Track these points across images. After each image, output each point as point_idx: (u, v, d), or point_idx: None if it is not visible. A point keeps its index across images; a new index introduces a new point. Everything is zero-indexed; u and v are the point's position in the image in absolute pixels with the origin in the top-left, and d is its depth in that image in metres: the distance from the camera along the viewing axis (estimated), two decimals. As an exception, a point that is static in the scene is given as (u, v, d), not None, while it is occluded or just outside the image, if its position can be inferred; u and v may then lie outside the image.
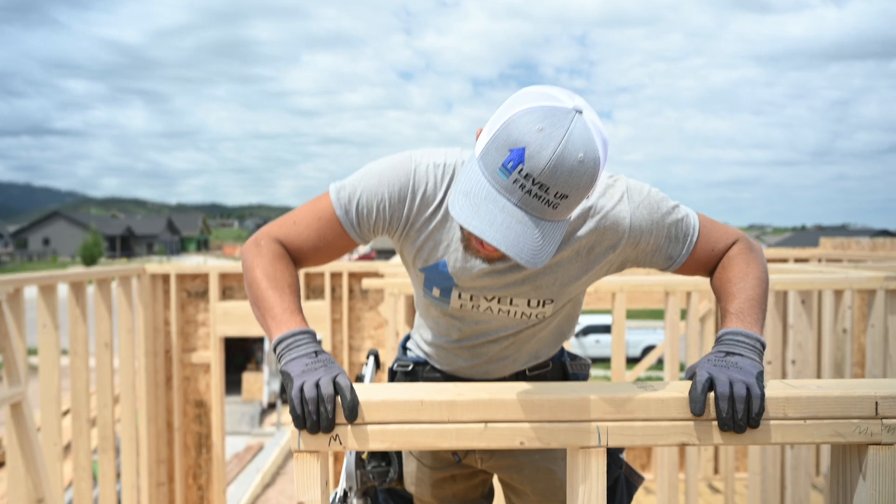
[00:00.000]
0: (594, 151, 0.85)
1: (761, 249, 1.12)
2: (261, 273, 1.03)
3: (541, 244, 0.85)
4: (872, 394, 0.85)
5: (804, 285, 2.81)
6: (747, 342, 0.93)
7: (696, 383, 0.86)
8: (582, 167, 0.83)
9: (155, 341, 4.55)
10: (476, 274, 1.09)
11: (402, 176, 1.07)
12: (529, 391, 0.89)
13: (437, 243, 1.10)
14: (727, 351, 0.92)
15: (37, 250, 60.64)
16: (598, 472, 0.87)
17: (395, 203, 1.07)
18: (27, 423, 2.92)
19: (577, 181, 0.84)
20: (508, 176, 0.83)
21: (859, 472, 0.86)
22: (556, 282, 1.10)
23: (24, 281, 3.08)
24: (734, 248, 1.11)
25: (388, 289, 2.83)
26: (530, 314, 1.14)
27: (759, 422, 0.84)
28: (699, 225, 1.10)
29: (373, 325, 4.69)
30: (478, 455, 1.30)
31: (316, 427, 0.86)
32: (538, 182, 0.82)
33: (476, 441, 0.87)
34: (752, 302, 0.99)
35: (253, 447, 9.13)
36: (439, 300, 1.16)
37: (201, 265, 4.73)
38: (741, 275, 1.05)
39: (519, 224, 0.84)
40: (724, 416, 0.84)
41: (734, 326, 0.96)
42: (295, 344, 0.94)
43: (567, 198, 0.84)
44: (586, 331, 16.27)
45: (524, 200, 0.84)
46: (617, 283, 2.78)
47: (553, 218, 0.86)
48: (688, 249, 1.09)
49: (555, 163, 0.82)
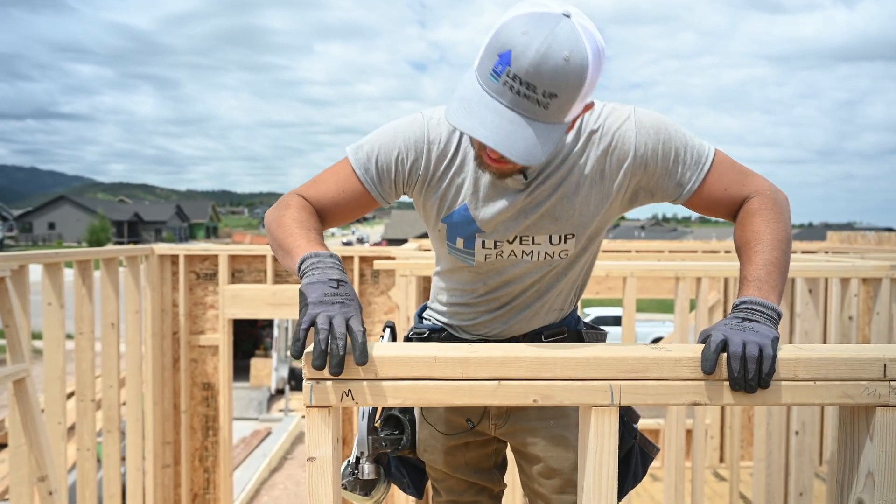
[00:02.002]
0: (581, 51, 0.87)
1: (787, 203, 1.07)
2: (289, 218, 1.06)
3: (534, 143, 0.89)
4: (881, 356, 0.86)
5: (811, 273, 2.83)
6: (763, 310, 0.93)
7: (710, 343, 0.87)
8: (568, 65, 0.86)
9: (162, 323, 4.58)
10: (497, 212, 1.10)
11: (416, 130, 1.10)
12: (543, 349, 0.90)
13: (458, 188, 1.12)
14: (743, 317, 0.92)
15: (42, 234, 60.79)
16: (611, 430, 0.88)
17: (412, 156, 1.10)
18: (31, 401, 2.90)
19: (565, 79, 0.87)
20: (498, 79, 0.88)
21: (867, 434, 0.87)
22: (574, 211, 1.11)
23: (30, 258, 3.05)
24: (755, 201, 1.07)
25: (399, 270, 2.85)
26: (553, 253, 1.15)
27: (770, 382, 0.85)
28: (715, 158, 1.08)
29: (383, 311, 4.70)
30: (492, 421, 1.31)
31: (323, 361, 0.84)
32: (525, 82, 0.87)
33: (489, 398, 0.88)
34: (770, 267, 0.98)
35: (260, 432, 9.19)
36: (464, 253, 1.17)
37: (211, 246, 4.75)
38: (759, 236, 1.02)
39: (510, 124, 0.89)
40: (735, 376, 0.85)
41: (751, 295, 0.96)
42: (320, 265, 0.93)
43: (556, 97, 0.88)
44: (595, 322, 16.31)
45: (515, 101, 0.89)
46: (627, 268, 2.79)
47: (547, 119, 0.90)
48: (699, 177, 1.07)
49: (539, 61, 0.85)
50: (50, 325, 3.25)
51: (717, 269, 2.97)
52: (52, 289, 3.24)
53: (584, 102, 0.94)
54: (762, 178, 1.10)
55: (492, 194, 1.10)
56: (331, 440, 0.89)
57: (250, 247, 4.76)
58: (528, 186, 1.10)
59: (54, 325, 3.25)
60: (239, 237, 58.96)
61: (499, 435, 1.33)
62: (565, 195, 1.10)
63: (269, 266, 4.56)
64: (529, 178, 1.09)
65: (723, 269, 3.00)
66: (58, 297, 3.25)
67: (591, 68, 0.89)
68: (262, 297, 4.57)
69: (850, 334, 2.98)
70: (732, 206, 1.10)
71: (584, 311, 15.36)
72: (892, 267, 2.84)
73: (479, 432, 1.33)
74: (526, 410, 1.29)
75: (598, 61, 0.90)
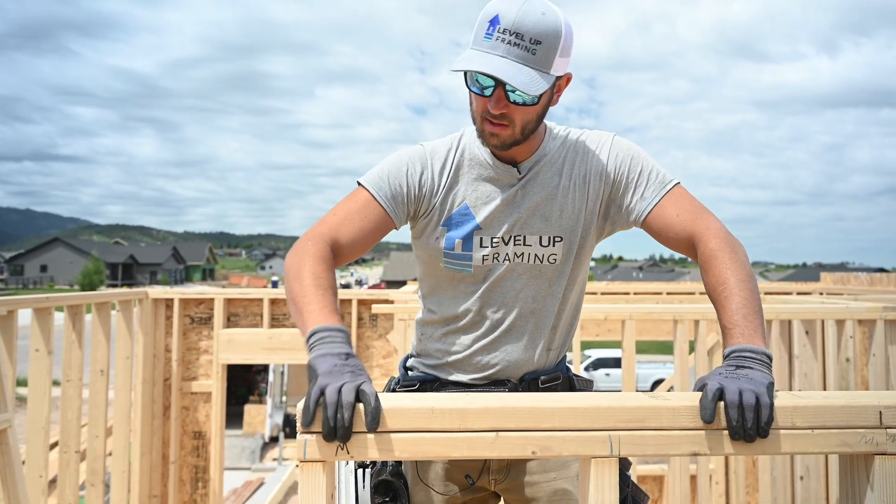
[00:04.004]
0: (553, 11, 1.09)
1: (741, 245, 1.12)
2: (306, 272, 1.09)
3: (531, 77, 1.07)
4: (876, 403, 0.85)
5: (807, 315, 2.84)
6: (754, 356, 0.94)
7: (707, 391, 0.87)
8: (546, 18, 1.07)
9: (154, 369, 4.50)
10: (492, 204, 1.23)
11: (418, 150, 1.27)
12: (541, 399, 0.89)
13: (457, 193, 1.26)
14: (737, 365, 0.93)
15: (33, 277, 60.22)
16: (611, 482, 0.87)
17: (419, 168, 1.24)
18: (11, 452, 2.75)
19: (545, 29, 1.07)
20: (492, 38, 1.08)
21: (867, 483, 0.86)
22: (560, 212, 1.24)
23: (19, 303, 2.95)
24: (712, 242, 1.11)
25: (397, 314, 2.84)
26: (542, 256, 1.25)
27: (769, 431, 0.84)
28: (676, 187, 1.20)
29: (381, 354, 4.66)
30: (492, 476, 1.28)
31: (332, 434, 0.85)
32: (513, 32, 1.06)
33: (487, 451, 0.87)
34: (744, 311, 1.00)
35: (252, 483, 8.91)
36: (461, 259, 1.25)
37: (206, 290, 4.72)
38: (724, 281, 1.05)
39: (508, 65, 1.07)
40: (734, 425, 0.84)
41: (738, 343, 0.97)
42: (329, 339, 0.95)
43: (541, 43, 1.07)
44: (596, 364, 16.24)
45: (507, 51, 1.07)
46: (626, 311, 2.79)
47: (537, 65, 1.08)
48: (658, 196, 1.19)
49: (522, 15, 1.06)
50: (36, 372, 3.15)
51: (714, 312, 2.96)
52: (40, 334, 3.16)
53: (564, 59, 1.12)
54: (716, 219, 1.16)
55: (487, 190, 1.24)
56: (325, 496, 0.87)
57: (247, 290, 4.74)
58: (520, 181, 1.23)
59: (41, 372, 3.15)
60: (236, 279, 58.55)
61: (499, 490, 1.30)
62: (552, 195, 1.24)
63: (266, 309, 4.53)
64: (522, 172, 1.23)
65: (719, 312, 2.99)
66: (46, 344, 3.17)
67: (564, 27, 1.09)
68: (259, 341, 4.53)
69: (849, 377, 2.97)
70: (684, 236, 1.16)
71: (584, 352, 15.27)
72: (885, 308, 2.86)
73: (478, 488, 1.30)
74: (527, 463, 1.27)
75: (568, 27, 1.10)
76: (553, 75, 1.10)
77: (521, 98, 1.11)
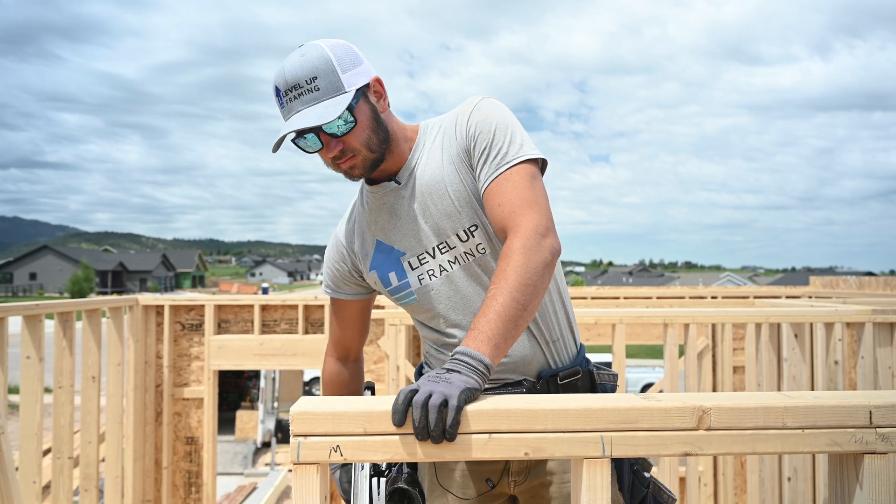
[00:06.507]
0: (311, 46, 1.15)
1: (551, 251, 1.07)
2: (323, 380, 1.48)
3: (325, 109, 1.12)
4: (866, 403, 0.86)
5: (796, 318, 2.87)
6: (468, 361, 0.95)
7: (400, 394, 0.87)
8: (305, 58, 1.14)
9: (146, 375, 4.47)
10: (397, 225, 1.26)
11: (333, 244, 1.40)
12: (533, 401, 0.90)
13: (366, 240, 1.33)
14: (448, 368, 0.95)
15: (22, 285, 59.69)
16: (603, 483, 0.87)
17: (339, 259, 1.37)
18: (5, 459, 2.76)
19: (311, 65, 1.13)
20: (284, 105, 1.16)
21: (857, 482, 0.87)
22: (447, 194, 1.22)
23: (9, 310, 2.94)
24: (515, 243, 1.06)
25: (388, 319, 2.84)
26: (471, 250, 1.23)
27: (455, 434, 0.85)
28: (514, 170, 1.14)
29: (372, 360, 4.65)
30: (511, 478, 1.28)
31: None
32: (291, 87, 1.14)
33: (480, 452, 0.88)
34: (494, 316, 1.00)
35: (245, 487, 8.86)
36: (402, 292, 1.28)
37: (197, 296, 4.70)
38: (497, 282, 1.04)
39: (303, 115, 1.13)
40: (416, 425, 0.85)
41: (465, 346, 0.98)
42: None
43: (317, 78, 1.13)
44: None
45: (300, 103, 1.14)
46: (616, 315, 2.81)
47: (327, 96, 1.13)
48: (490, 178, 1.16)
49: (287, 69, 1.14)
50: (28, 379, 3.14)
51: (704, 315, 3.00)
52: (31, 342, 3.15)
53: (353, 71, 1.16)
54: (534, 216, 1.09)
55: (385, 216, 1.28)
56: (319, 498, 0.87)
57: (237, 296, 4.72)
58: (404, 188, 1.25)
59: (32, 379, 3.15)
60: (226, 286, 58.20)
61: (517, 492, 1.29)
62: (439, 189, 1.22)
63: (257, 316, 4.52)
64: (402, 180, 1.25)
65: (710, 315, 3.03)
66: (37, 351, 3.16)
67: (330, 50, 1.14)
68: (250, 347, 4.51)
69: (837, 378, 2.99)
70: (499, 227, 1.13)
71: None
72: (873, 311, 2.89)
73: (498, 493, 1.29)
74: (546, 463, 1.27)
75: (336, 47, 1.15)
76: (350, 90, 1.14)
77: (337, 128, 1.15)
